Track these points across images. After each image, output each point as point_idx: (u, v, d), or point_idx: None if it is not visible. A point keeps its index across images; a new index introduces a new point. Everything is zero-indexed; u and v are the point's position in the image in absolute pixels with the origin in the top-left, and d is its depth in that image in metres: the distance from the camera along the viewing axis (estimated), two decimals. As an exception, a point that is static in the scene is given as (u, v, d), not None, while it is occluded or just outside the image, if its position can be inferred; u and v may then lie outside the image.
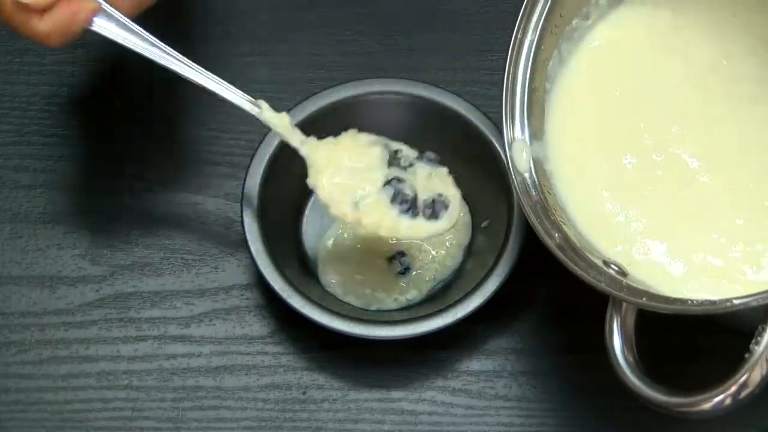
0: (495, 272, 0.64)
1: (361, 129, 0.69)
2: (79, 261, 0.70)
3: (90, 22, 0.60)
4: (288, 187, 0.69)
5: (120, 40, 0.61)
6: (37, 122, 0.74)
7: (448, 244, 0.69)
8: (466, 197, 0.68)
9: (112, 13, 0.61)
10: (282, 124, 0.64)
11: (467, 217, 0.69)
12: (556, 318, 0.68)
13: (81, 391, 0.67)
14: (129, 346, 0.68)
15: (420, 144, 0.70)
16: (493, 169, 0.66)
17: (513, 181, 0.61)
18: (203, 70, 0.63)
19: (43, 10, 0.59)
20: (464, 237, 0.69)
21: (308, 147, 0.64)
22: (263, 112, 0.64)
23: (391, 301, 0.67)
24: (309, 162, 0.64)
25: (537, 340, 0.68)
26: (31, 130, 0.74)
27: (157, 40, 0.62)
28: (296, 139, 0.64)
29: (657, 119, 0.64)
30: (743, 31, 0.65)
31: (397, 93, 0.69)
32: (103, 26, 0.61)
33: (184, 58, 0.62)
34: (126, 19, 0.61)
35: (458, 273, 0.68)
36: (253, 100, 0.64)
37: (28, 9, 0.58)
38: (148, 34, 0.62)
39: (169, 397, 0.67)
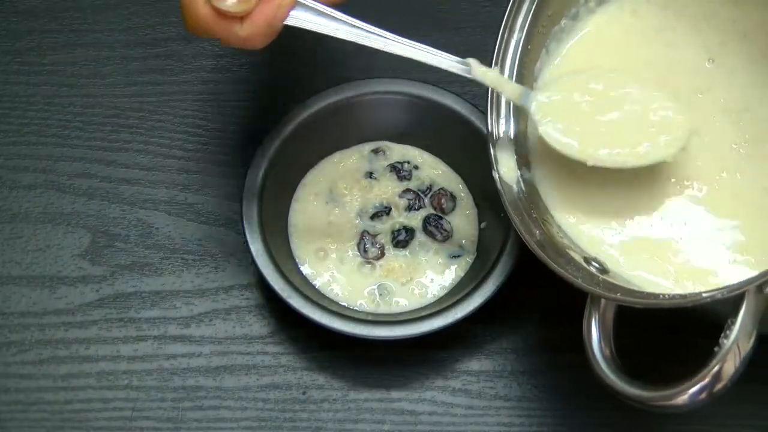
0: (495, 272, 0.64)
1: (361, 129, 0.70)
2: (79, 261, 0.70)
3: (287, 17, 0.59)
4: (289, 186, 0.69)
5: (319, 29, 0.60)
6: (37, 122, 0.74)
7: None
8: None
9: (307, 4, 0.59)
10: (492, 79, 0.63)
11: (474, 212, 0.69)
12: (556, 318, 0.68)
13: (81, 391, 0.67)
14: (129, 346, 0.68)
15: (420, 144, 0.70)
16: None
17: (496, 179, 0.61)
18: (407, 41, 0.61)
19: (243, 16, 0.58)
20: (472, 232, 0.69)
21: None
22: (473, 69, 0.62)
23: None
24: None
25: (537, 340, 0.68)
26: (30, 130, 0.74)
27: (357, 20, 0.60)
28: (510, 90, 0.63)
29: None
30: (732, 21, 0.64)
31: (397, 93, 0.69)
32: (300, 18, 0.59)
33: (387, 33, 0.61)
34: (321, 5, 0.59)
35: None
36: (462, 60, 0.62)
37: (229, 17, 0.57)
38: (345, 16, 0.60)
39: (169, 397, 0.67)
